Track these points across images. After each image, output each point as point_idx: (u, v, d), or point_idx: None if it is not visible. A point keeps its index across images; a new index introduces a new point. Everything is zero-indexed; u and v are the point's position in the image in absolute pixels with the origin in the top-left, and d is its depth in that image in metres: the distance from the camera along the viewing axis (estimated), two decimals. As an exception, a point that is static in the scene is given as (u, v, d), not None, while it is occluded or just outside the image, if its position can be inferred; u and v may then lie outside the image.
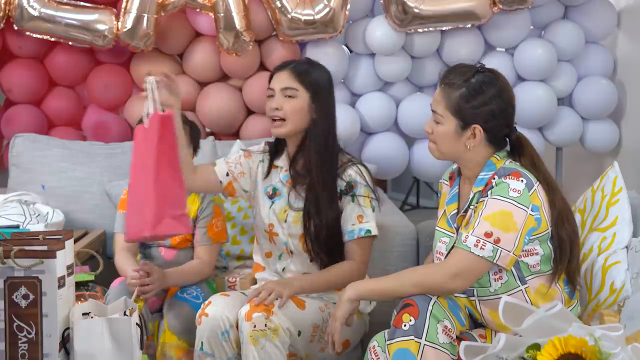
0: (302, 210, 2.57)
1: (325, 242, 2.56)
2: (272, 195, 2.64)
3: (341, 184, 2.56)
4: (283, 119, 2.54)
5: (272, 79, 2.60)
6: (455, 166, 2.46)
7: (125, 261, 2.74)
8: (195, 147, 2.81)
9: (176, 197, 2.36)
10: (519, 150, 2.30)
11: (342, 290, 2.34)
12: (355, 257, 2.57)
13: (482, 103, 2.24)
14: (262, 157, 2.69)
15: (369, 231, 2.56)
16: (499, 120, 2.26)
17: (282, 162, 2.64)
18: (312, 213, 2.54)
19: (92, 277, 2.74)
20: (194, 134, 2.81)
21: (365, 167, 2.62)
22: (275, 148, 2.67)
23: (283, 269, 2.64)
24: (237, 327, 2.40)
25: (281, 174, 2.64)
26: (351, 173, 2.57)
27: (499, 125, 2.27)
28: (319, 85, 2.57)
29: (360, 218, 2.56)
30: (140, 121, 2.39)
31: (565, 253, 2.24)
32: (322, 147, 2.55)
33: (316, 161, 2.54)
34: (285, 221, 2.59)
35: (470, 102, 2.24)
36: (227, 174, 2.66)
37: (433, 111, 2.30)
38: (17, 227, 2.85)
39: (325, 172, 2.55)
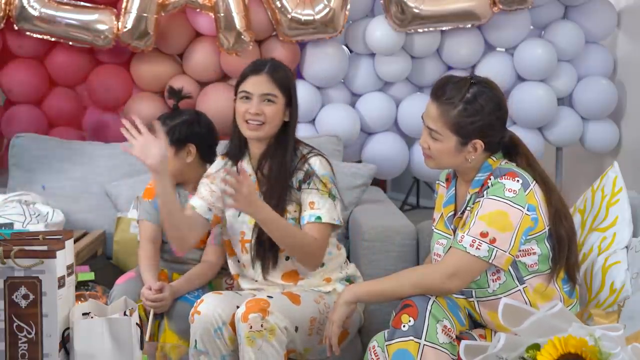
0: None
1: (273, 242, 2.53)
2: None
3: (299, 175, 2.55)
4: (262, 123, 2.54)
5: (245, 80, 2.57)
6: (451, 168, 2.46)
7: (147, 259, 2.75)
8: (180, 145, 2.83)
9: None
10: (514, 150, 2.31)
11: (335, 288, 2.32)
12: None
13: (481, 118, 2.22)
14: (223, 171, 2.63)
15: (319, 217, 2.51)
16: (497, 129, 2.26)
17: (245, 166, 2.62)
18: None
19: (92, 277, 2.75)
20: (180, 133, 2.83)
21: (326, 159, 2.61)
22: (236, 153, 2.65)
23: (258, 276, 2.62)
24: (230, 325, 2.41)
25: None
26: (310, 162, 2.56)
27: (496, 133, 2.26)
28: (292, 89, 2.59)
29: (311, 205, 2.52)
30: None
31: (564, 250, 2.24)
32: (290, 148, 2.57)
33: (282, 162, 2.55)
34: (256, 225, 2.55)
35: (470, 119, 2.21)
36: (210, 209, 2.63)
37: (428, 127, 2.26)
38: (12, 225, 2.84)
39: (285, 172, 2.55)
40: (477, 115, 2.21)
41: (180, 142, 2.81)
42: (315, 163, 2.57)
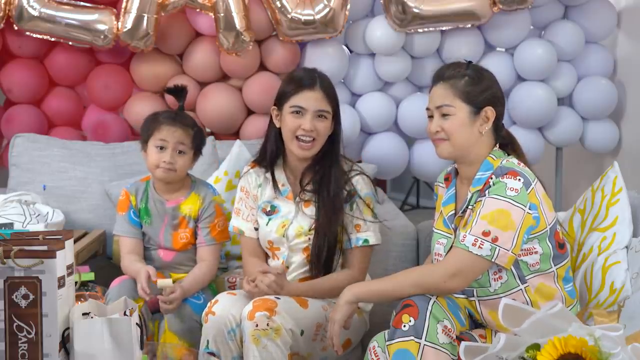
0: (304, 224, 2.58)
1: (328, 255, 2.57)
2: (270, 212, 2.64)
3: (342, 193, 2.59)
4: (314, 139, 2.55)
5: (297, 94, 2.56)
6: (450, 167, 2.46)
7: (134, 264, 2.73)
8: (197, 153, 2.82)
9: None
10: (511, 145, 2.34)
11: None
12: (354, 266, 2.59)
13: (487, 86, 2.30)
14: (257, 182, 2.69)
15: (366, 241, 2.58)
16: (501, 100, 2.34)
17: (276, 175, 2.65)
18: (324, 227, 2.55)
19: (92, 277, 2.74)
20: (200, 140, 2.82)
21: (368, 177, 2.64)
22: (263, 160, 2.67)
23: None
24: None
25: (277, 189, 2.64)
26: (353, 182, 2.60)
27: (502, 104, 2.33)
28: (338, 105, 2.62)
29: (357, 227, 2.58)
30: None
31: None
32: (335, 162, 2.59)
33: (330, 176, 2.57)
34: (284, 235, 2.60)
35: (478, 86, 2.28)
36: (255, 229, 2.69)
37: (438, 107, 2.30)
38: (12, 225, 2.85)
39: (337, 187, 2.57)
40: (484, 82, 2.30)
41: (199, 149, 2.82)
42: (358, 183, 2.60)
